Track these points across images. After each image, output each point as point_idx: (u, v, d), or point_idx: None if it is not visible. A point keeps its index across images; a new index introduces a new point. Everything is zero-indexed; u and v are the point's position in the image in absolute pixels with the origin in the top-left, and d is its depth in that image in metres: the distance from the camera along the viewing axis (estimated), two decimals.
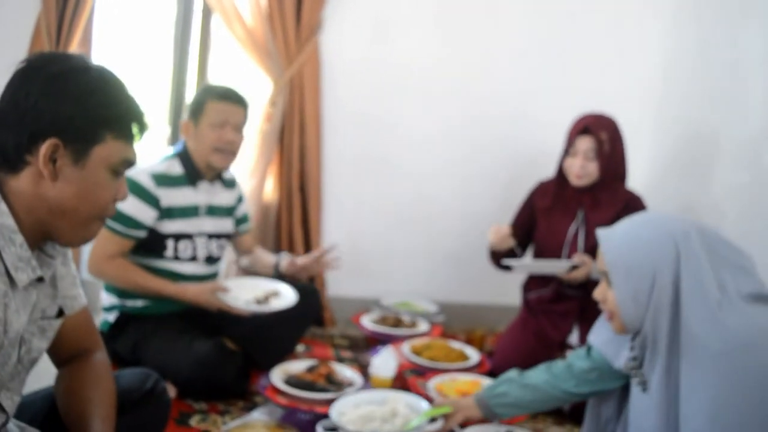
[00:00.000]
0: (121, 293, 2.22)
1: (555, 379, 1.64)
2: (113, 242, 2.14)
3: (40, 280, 1.13)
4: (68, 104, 1.05)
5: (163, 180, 2.21)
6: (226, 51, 3.07)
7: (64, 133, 1.05)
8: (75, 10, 2.61)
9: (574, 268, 2.33)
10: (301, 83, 2.96)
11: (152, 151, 2.70)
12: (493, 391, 1.70)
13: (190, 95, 3.01)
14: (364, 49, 3.11)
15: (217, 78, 3.09)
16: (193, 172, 2.27)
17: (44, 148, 1.04)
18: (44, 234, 1.11)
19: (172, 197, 2.22)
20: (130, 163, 1.15)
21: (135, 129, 1.14)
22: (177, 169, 2.26)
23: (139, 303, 2.23)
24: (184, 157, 2.28)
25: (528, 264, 2.44)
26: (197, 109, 2.26)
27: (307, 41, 2.94)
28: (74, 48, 2.67)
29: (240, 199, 2.50)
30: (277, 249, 3.08)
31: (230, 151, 2.28)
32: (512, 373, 1.72)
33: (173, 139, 2.99)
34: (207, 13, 3.00)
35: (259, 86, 2.96)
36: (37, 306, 1.15)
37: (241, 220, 2.51)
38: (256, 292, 2.28)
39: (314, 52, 2.98)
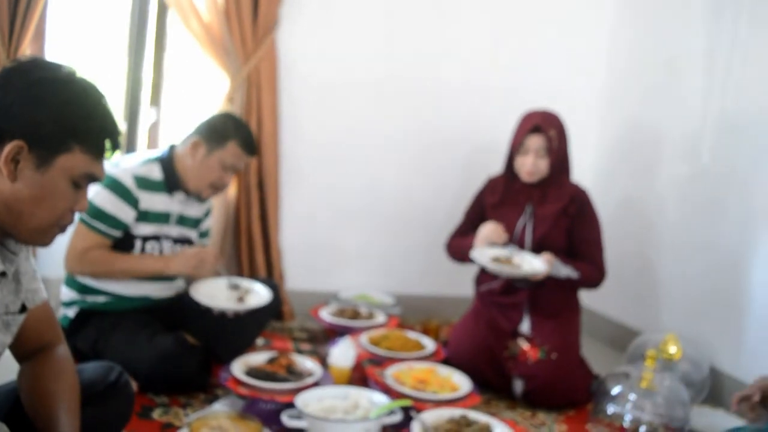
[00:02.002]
0: (82, 288, 2.23)
1: None
2: (92, 240, 2.15)
3: (3, 275, 1.15)
4: (42, 111, 1.08)
5: (144, 183, 2.22)
6: (183, 47, 3.06)
7: (31, 137, 1.07)
8: (28, 4, 2.58)
9: None
10: (258, 80, 2.99)
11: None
12: None
13: (145, 91, 3.00)
14: (321, 46, 3.16)
15: (174, 75, 3.08)
16: (172, 182, 2.29)
17: (8, 147, 1.06)
18: (2, 233, 1.14)
19: (150, 201, 2.24)
20: (94, 178, 1.16)
21: (106, 146, 1.16)
22: (156, 174, 2.27)
23: (100, 299, 2.23)
24: (167, 164, 2.29)
25: (498, 268, 2.36)
26: (218, 140, 2.28)
27: (264, 38, 2.97)
28: (27, 44, 2.64)
29: (207, 213, 2.52)
30: (236, 245, 3.11)
31: (221, 190, 2.37)
32: None
33: (129, 137, 2.98)
34: (163, 8, 3.00)
35: (215, 82, 2.98)
36: (0, 301, 1.17)
37: (203, 234, 2.53)
38: (232, 290, 2.35)
39: (271, 49, 3.00)
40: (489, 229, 2.49)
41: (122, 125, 2.96)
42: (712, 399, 2.54)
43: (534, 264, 2.38)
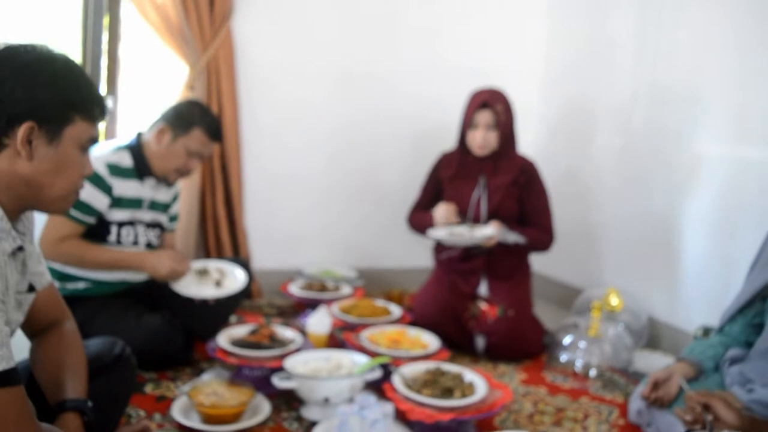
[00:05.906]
0: (61, 276, 2.28)
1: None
2: (67, 227, 2.20)
3: (21, 249, 1.23)
4: (41, 90, 1.17)
5: (116, 170, 2.29)
6: (139, 36, 3.09)
7: (38, 116, 1.16)
8: None
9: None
10: (217, 68, 3.07)
11: None
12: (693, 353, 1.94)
13: (102, 80, 3.03)
14: (275, 33, 3.25)
15: (131, 64, 3.12)
16: (142, 168, 2.36)
17: (21, 130, 1.15)
18: (23, 208, 1.22)
19: (122, 188, 2.31)
20: (95, 140, 1.27)
21: (97, 111, 1.26)
22: (127, 161, 2.34)
23: (80, 285, 2.30)
24: (136, 151, 2.36)
25: (455, 239, 2.59)
26: (183, 126, 2.35)
27: (221, 26, 3.04)
28: None
29: (176, 197, 2.60)
30: (203, 228, 3.19)
31: (187, 175, 2.44)
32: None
33: None
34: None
35: (174, 70, 3.03)
36: (12, 279, 1.25)
37: (172, 218, 2.61)
38: (208, 275, 2.46)
39: (228, 37, 3.08)
40: (441, 211, 2.67)
41: None
42: (651, 344, 2.83)
43: (485, 230, 2.59)
